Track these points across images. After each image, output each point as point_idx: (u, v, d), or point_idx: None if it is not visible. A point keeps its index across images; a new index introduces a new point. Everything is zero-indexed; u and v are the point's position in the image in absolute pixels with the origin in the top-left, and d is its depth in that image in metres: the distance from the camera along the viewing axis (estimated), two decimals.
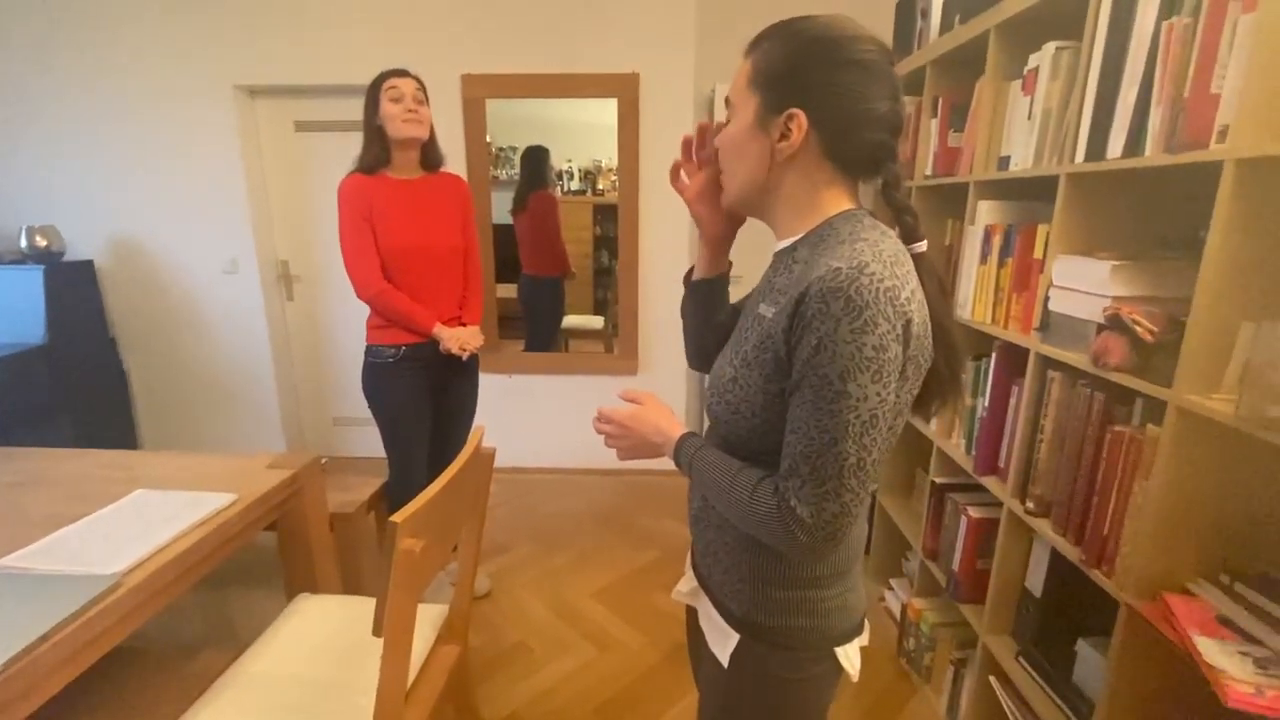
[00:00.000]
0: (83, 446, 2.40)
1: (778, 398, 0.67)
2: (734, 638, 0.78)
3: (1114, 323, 1.03)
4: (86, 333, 2.98)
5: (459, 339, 1.85)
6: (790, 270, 0.71)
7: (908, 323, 0.62)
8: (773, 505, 0.65)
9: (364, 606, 1.37)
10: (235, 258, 3.01)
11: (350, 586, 1.86)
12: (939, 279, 0.70)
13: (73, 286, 2.90)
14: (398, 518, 0.85)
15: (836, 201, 0.71)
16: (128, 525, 1.21)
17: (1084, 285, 1.12)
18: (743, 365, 0.71)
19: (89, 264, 2.98)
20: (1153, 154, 0.99)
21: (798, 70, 0.67)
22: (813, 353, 0.61)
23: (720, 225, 0.85)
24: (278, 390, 3.20)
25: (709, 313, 0.92)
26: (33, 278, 2.74)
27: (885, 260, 0.62)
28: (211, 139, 2.87)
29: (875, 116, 0.67)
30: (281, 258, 3.13)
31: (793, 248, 0.73)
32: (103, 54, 2.79)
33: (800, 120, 0.67)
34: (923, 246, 0.71)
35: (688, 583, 0.92)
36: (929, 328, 0.67)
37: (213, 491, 1.34)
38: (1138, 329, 0.98)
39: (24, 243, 2.80)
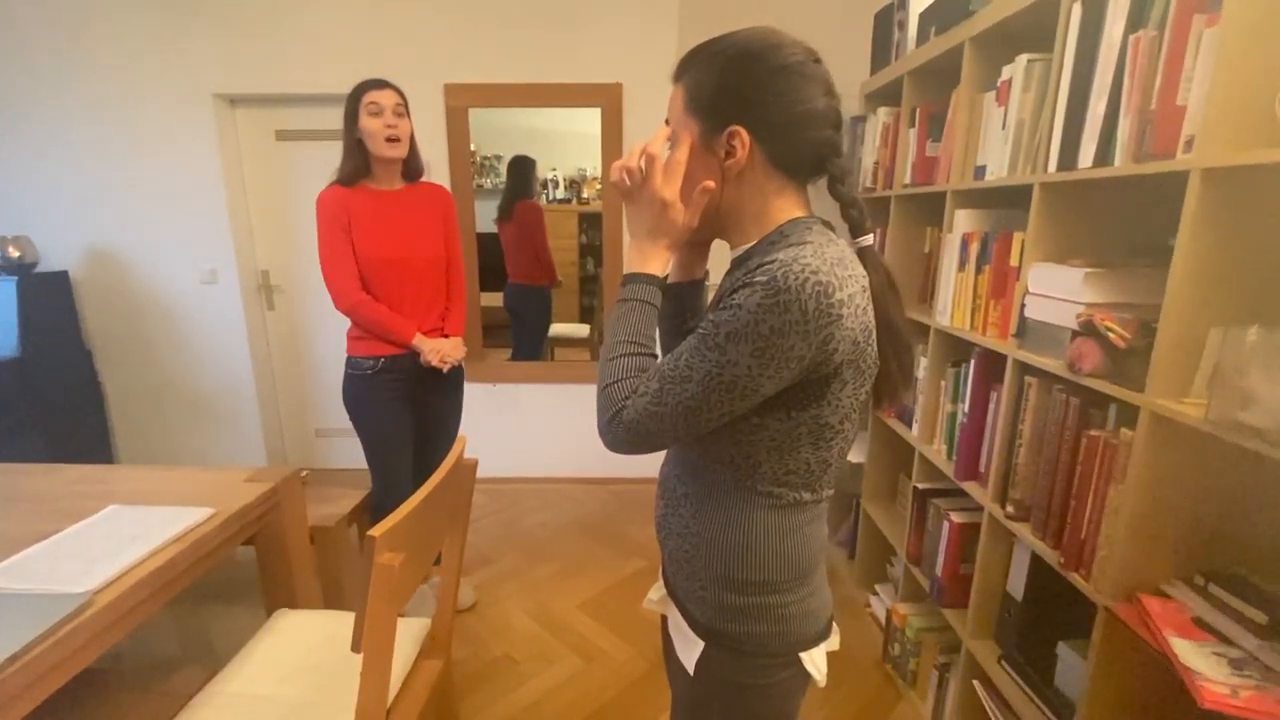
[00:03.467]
0: (57, 461, 2.34)
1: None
2: (699, 645, 0.78)
3: (1087, 329, 1.05)
4: (61, 345, 2.92)
5: (439, 351, 1.84)
6: (741, 276, 0.70)
7: (832, 325, 0.62)
8: (616, 390, 0.70)
9: (345, 621, 1.35)
10: (214, 268, 2.98)
11: (331, 600, 1.84)
12: (886, 272, 0.71)
13: (46, 297, 2.84)
14: (376, 531, 0.84)
15: (787, 209, 0.73)
16: (100, 542, 1.19)
17: (1059, 292, 1.14)
18: None
19: (63, 275, 2.93)
20: (1122, 164, 1.02)
21: (729, 87, 0.69)
22: (724, 308, 0.64)
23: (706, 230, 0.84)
24: (258, 402, 3.16)
25: (683, 320, 0.90)
26: (5, 289, 2.68)
27: (826, 259, 0.62)
28: (190, 148, 2.84)
29: (813, 115, 0.69)
30: (262, 268, 3.10)
31: (745, 256, 0.74)
32: (79, 62, 2.75)
33: (742, 135, 0.68)
34: (868, 240, 0.72)
35: (658, 590, 0.92)
36: (872, 332, 0.67)
37: (189, 506, 1.32)
38: (1110, 335, 1.00)
39: None
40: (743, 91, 0.68)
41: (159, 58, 2.75)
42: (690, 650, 0.79)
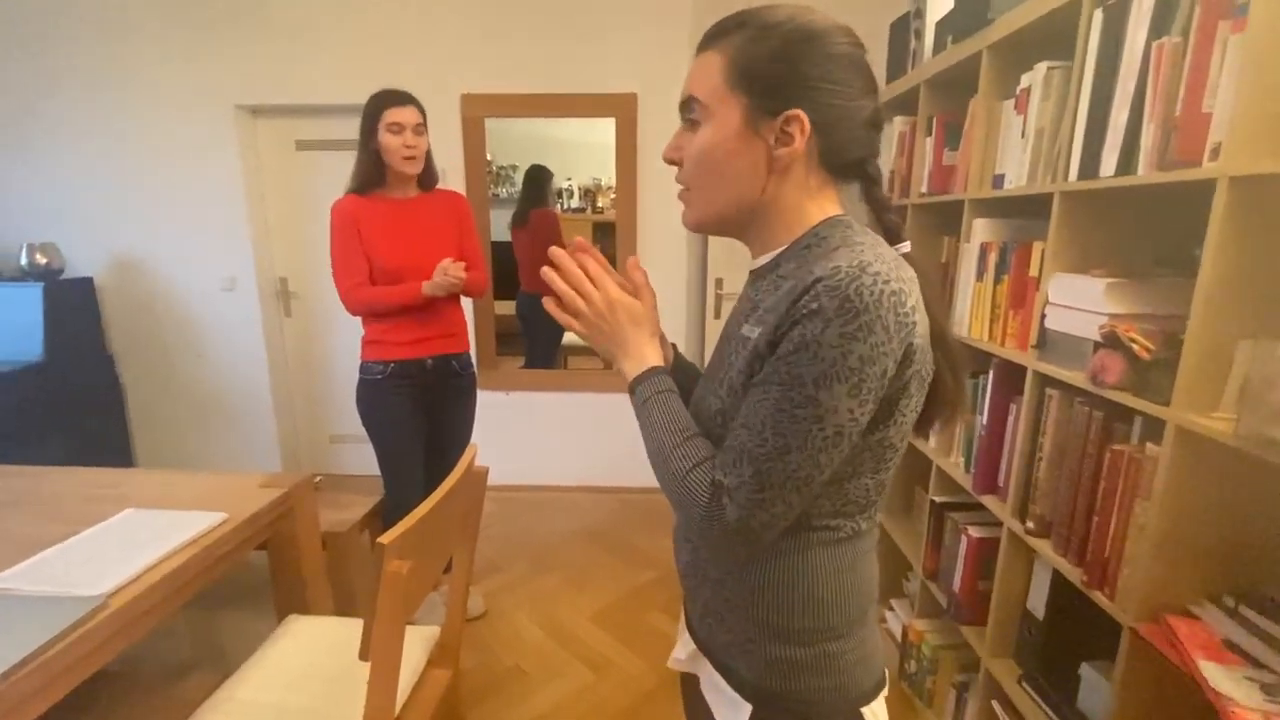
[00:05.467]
0: (77, 463, 2.37)
1: None
2: (745, 709, 0.68)
3: (1111, 340, 1.02)
4: (84, 350, 2.97)
5: (443, 272, 1.75)
6: (777, 287, 0.64)
7: (910, 335, 0.56)
8: (704, 496, 0.60)
9: (355, 629, 1.35)
10: (234, 275, 3.02)
11: (342, 607, 1.84)
12: (930, 277, 0.64)
13: (71, 303, 2.90)
14: (385, 539, 0.83)
15: (823, 208, 0.66)
16: (115, 545, 1.20)
17: (1080, 303, 1.12)
18: (729, 395, 0.64)
19: (88, 281, 2.99)
20: (1145, 172, 0.99)
21: (791, 66, 0.60)
22: (793, 349, 0.55)
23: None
24: (274, 407, 3.19)
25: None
26: (32, 295, 2.74)
27: (888, 262, 0.56)
28: (213, 158, 2.90)
29: (864, 111, 0.63)
30: (280, 275, 3.14)
31: (774, 263, 0.67)
32: (107, 74, 2.82)
33: (803, 121, 0.61)
34: (906, 247, 0.66)
35: (684, 647, 0.81)
36: (928, 339, 0.61)
37: (203, 511, 1.33)
38: (1134, 347, 0.98)
39: (24, 260, 2.81)
40: (805, 73, 0.60)
41: (185, 70, 2.81)
42: (735, 715, 0.69)
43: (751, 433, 0.58)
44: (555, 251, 0.71)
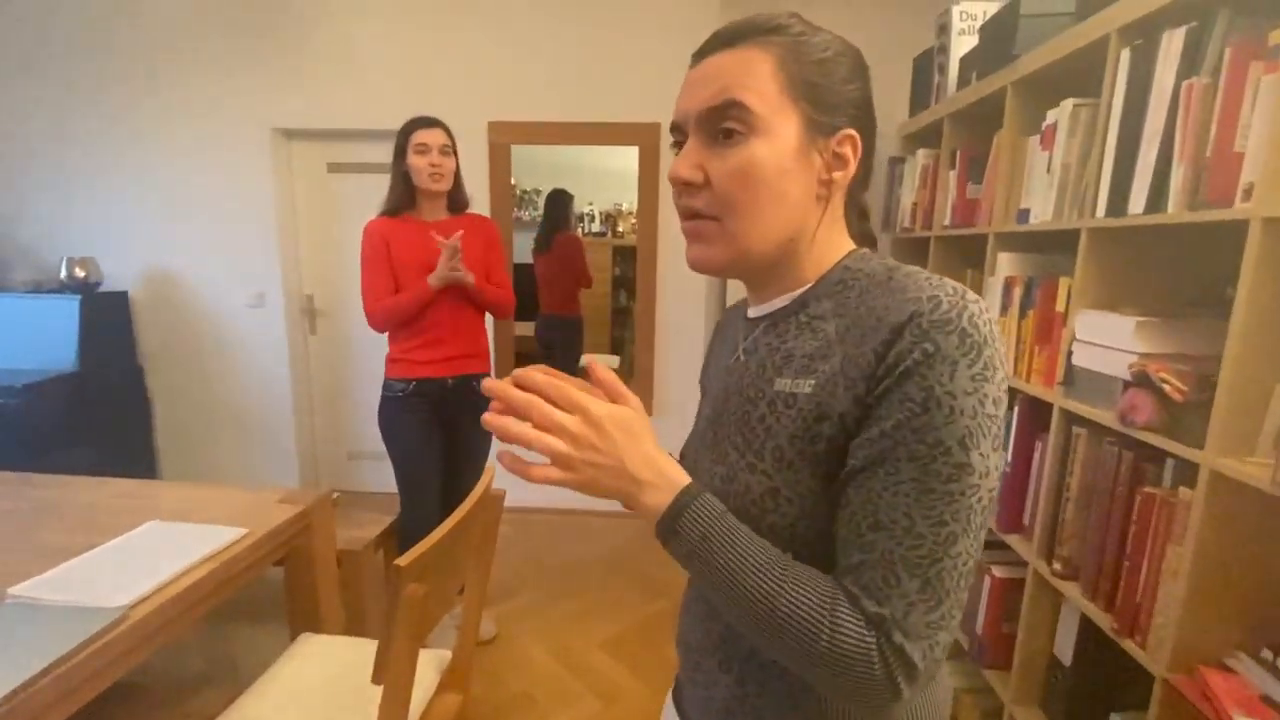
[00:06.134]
0: (105, 472, 2.41)
1: (830, 496, 0.49)
2: None
3: (1141, 380, 1.00)
4: (116, 361, 3.05)
5: (446, 240, 1.73)
6: (814, 332, 0.53)
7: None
8: (866, 645, 0.44)
9: (366, 649, 1.35)
10: (263, 291, 3.09)
11: (354, 625, 1.83)
12: None
13: (106, 316, 2.98)
14: (402, 561, 0.84)
15: (845, 241, 0.58)
16: (137, 557, 1.21)
17: (1108, 340, 1.10)
18: (782, 468, 0.51)
19: (123, 295, 3.08)
20: (1175, 211, 0.98)
21: (844, 81, 0.53)
22: (920, 410, 0.44)
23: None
24: (295, 422, 3.23)
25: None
26: (69, 307, 2.82)
27: (965, 289, 0.48)
28: (248, 178, 2.99)
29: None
30: (307, 292, 3.21)
31: (799, 304, 0.56)
32: (149, 96, 2.94)
33: (857, 143, 0.54)
34: None
35: None
36: None
37: (223, 525, 1.34)
38: (1166, 387, 0.96)
39: (64, 273, 2.90)
40: (856, 90, 0.54)
41: (224, 93, 2.92)
42: None
43: (894, 533, 0.44)
44: (490, 384, 0.49)
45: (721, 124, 0.51)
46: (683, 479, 0.51)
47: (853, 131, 0.53)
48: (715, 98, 0.51)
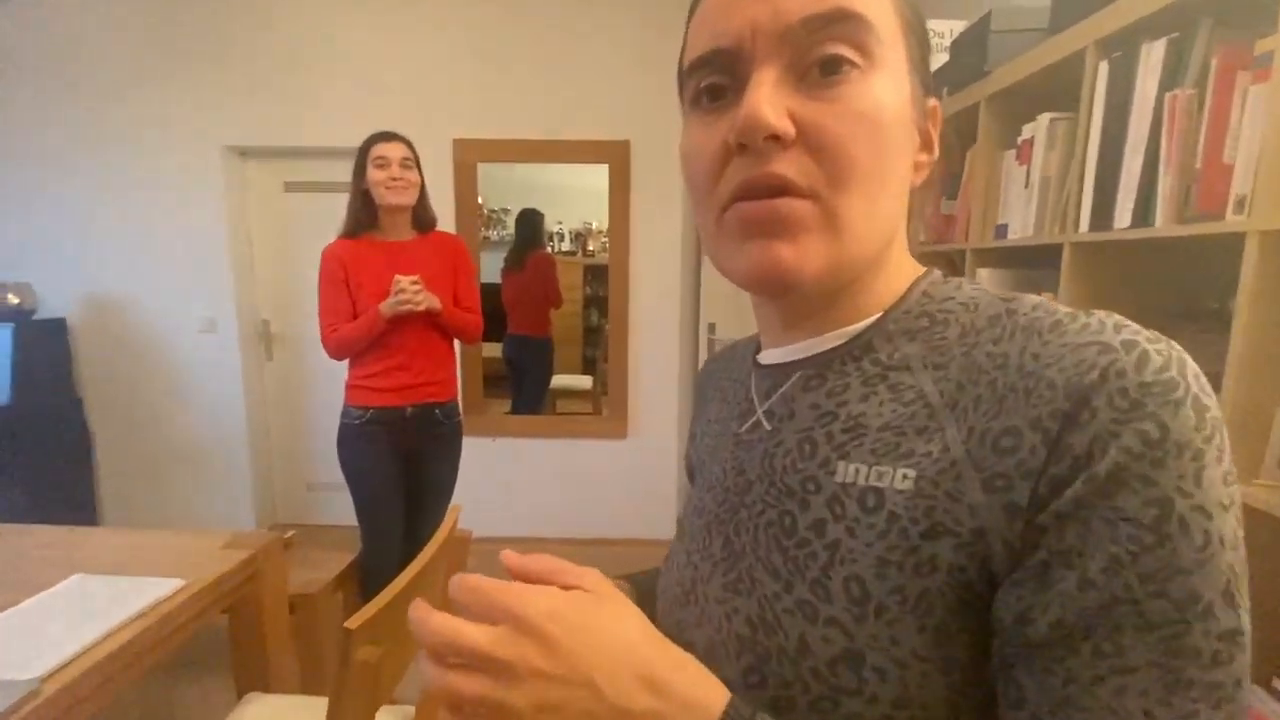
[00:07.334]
0: (40, 512, 2.21)
1: (948, 666, 0.31)
2: None
3: None
4: (52, 393, 2.85)
5: (400, 285, 1.64)
6: (892, 388, 0.36)
7: None
8: None
9: (320, 710, 1.23)
10: (214, 316, 2.94)
11: (310, 679, 1.69)
12: None
13: (42, 345, 2.79)
14: (352, 623, 0.74)
15: (908, 255, 0.43)
16: (57, 618, 1.08)
17: None
18: (861, 614, 0.32)
19: (61, 321, 2.89)
20: (1164, 224, 0.96)
21: (926, 39, 0.39)
22: (1148, 542, 0.27)
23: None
24: (250, 453, 3.06)
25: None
26: (1, 336, 2.63)
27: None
28: (198, 198, 2.84)
29: None
30: (263, 317, 3.06)
31: (863, 345, 0.39)
32: (92, 112, 2.79)
33: (939, 121, 0.40)
34: None
35: None
36: None
37: (159, 576, 1.22)
38: None
39: None
40: (926, 48, 0.40)
41: (172, 110, 2.78)
42: None
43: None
44: (413, 612, 0.33)
45: (828, 47, 0.33)
46: (708, 697, 0.30)
47: (936, 103, 0.39)
48: (818, 2, 0.33)
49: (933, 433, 0.33)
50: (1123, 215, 1.03)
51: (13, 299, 2.73)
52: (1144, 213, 1.00)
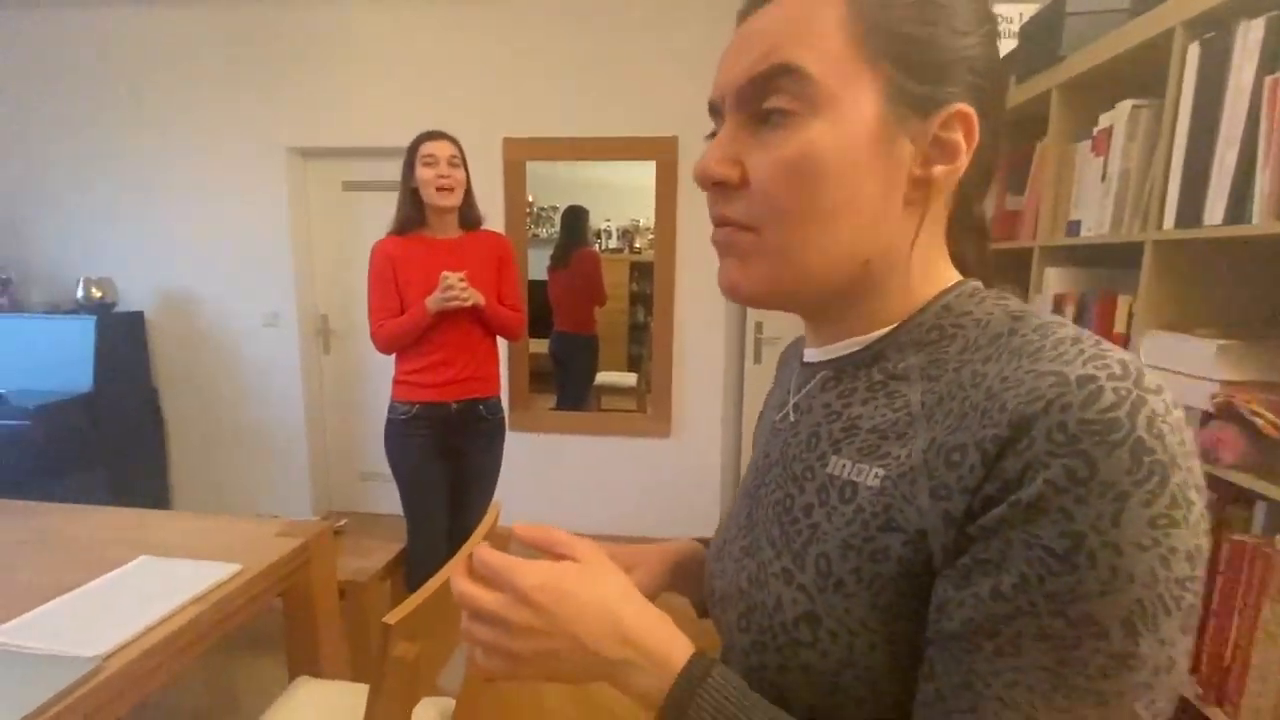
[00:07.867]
0: (117, 494, 2.34)
1: (892, 637, 0.35)
2: None
3: (1227, 412, 0.89)
4: (131, 382, 3.03)
5: (448, 281, 1.67)
6: (889, 395, 0.40)
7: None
8: None
9: (364, 698, 1.25)
10: (277, 311, 3.06)
11: (361, 661, 1.74)
12: None
13: (122, 336, 2.97)
14: (390, 619, 0.75)
15: (948, 266, 0.43)
16: (122, 598, 1.14)
17: (1184, 366, 0.98)
18: (825, 587, 0.37)
19: (139, 315, 3.07)
20: (1262, 221, 0.87)
21: (957, 29, 0.37)
22: (1055, 568, 0.29)
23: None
24: (308, 442, 3.18)
25: None
26: (85, 327, 2.81)
27: (1116, 351, 0.32)
28: (263, 198, 2.97)
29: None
30: (322, 312, 3.17)
31: (873, 353, 0.42)
32: (167, 117, 2.95)
33: (973, 123, 0.38)
34: None
35: None
36: None
37: (218, 560, 1.27)
38: (1259, 421, 0.84)
39: (80, 293, 2.90)
40: (980, 49, 0.38)
41: (241, 114, 2.92)
42: None
43: None
44: (451, 578, 0.44)
45: (768, 101, 0.37)
46: (672, 650, 0.38)
47: (967, 108, 0.37)
48: (759, 63, 0.37)
49: (909, 439, 0.36)
50: (1214, 211, 0.94)
51: (96, 292, 2.92)
52: (1238, 209, 0.91)
